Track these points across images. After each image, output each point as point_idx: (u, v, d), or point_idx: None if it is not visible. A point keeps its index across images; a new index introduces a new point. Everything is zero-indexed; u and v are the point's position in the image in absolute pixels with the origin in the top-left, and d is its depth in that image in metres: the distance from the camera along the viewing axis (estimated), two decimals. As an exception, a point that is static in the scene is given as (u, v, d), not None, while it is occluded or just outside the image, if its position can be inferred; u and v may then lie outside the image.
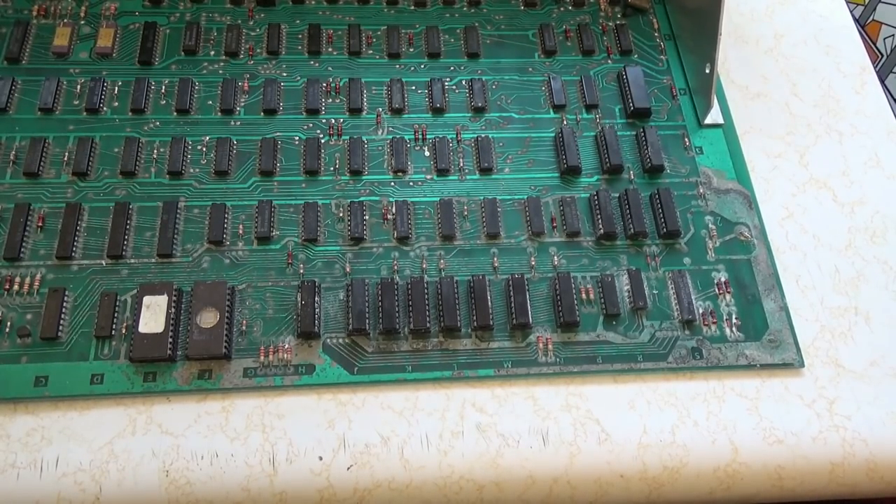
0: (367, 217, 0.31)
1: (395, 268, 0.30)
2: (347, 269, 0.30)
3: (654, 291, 0.31)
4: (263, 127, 0.33)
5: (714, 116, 0.35)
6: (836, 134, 0.36)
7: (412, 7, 0.37)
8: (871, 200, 0.34)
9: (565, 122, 0.35)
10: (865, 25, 0.70)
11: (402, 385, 0.28)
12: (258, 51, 0.35)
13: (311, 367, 0.28)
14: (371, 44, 0.36)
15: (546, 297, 0.30)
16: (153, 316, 0.28)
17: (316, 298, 0.29)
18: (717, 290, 0.31)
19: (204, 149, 0.33)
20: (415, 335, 0.29)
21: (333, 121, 0.34)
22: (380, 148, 0.33)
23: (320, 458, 0.27)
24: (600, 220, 0.32)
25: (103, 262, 0.30)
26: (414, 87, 0.35)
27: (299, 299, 0.29)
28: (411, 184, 0.32)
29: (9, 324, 0.28)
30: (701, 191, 0.33)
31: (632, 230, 0.32)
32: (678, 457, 0.28)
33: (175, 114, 0.33)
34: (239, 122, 0.33)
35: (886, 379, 0.30)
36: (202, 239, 0.31)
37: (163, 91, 0.34)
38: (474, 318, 0.29)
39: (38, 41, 0.35)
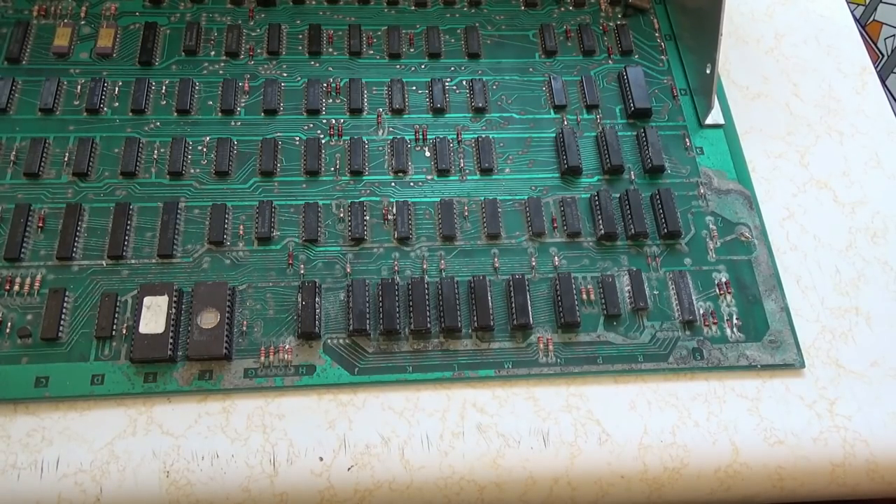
0: (367, 217, 0.31)
1: (396, 268, 0.30)
2: (348, 270, 0.30)
3: (655, 292, 0.31)
4: (264, 127, 0.33)
5: (714, 117, 0.35)
6: (836, 134, 0.36)
7: (413, 7, 0.37)
8: (871, 201, 0.34)
9: (566, 123, 0.35)
10: (866, 25, 0.70)
11: (403, 385, 0.28)
12: (258, 51, 0.35)
13: (312, 368, 0.28)
14: (371, 44, 0.36)
15: (547, 297, 0.30)
16: (154, 316, 0.28)
17: (316, 299, 0.29)
18: (717, 290, 0.31)
19: (204, 149, 0.33)
20: (415, 336, 0.29)
21: (334, 121, 0.34)
22: (380, 148, 0.33)
23: (321, 459, 0.27)
24: (601, 221, 0.32)
25: (104, 263, 0.30)
26: (414, 88, 0.35)
27: (300, 300, 0.29)
28: (412, 184, 0.32)
29: (9, 324, 0.28)
30: (701, 191, 0.33)
31: (632, 230, 0.31)
32: (679, 457, 0.28)
33: (175, 114, 0.33)
34: (239, 123, 0.33)
35: (887, 379, 0.30)
36: (203, 239, 0.31)
37: (163, 91, 0.34)
38: (475, 318, 0.29)
39: (38, 41, 0.35)
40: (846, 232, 0.33)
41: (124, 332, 0.28)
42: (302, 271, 0.30)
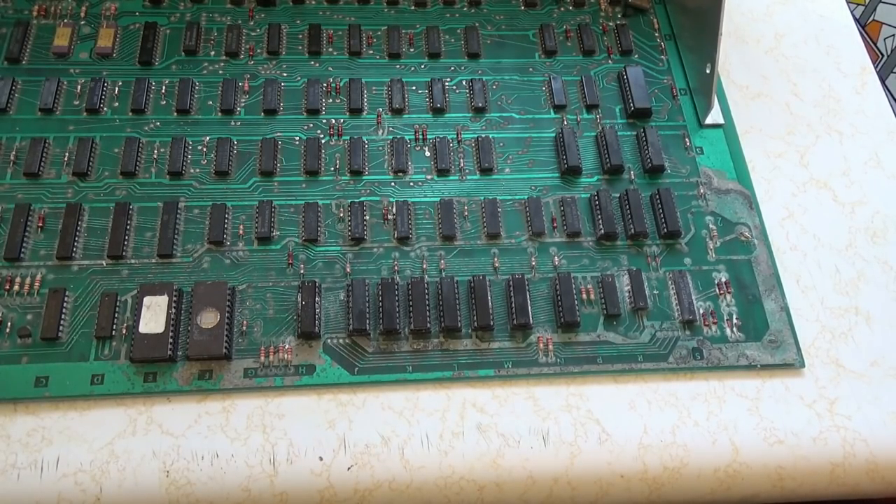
0: (367, 217, 0.31)
1: (396, 268, 0.30)
2: (348, 270, 0.30)
3: (655, 292, 0.31)
4: (264, 127, 0.33)
5: (714, 116, 0.35)
6: (836, 134, 0.36)
7: (412, 7, 0.37)
8: (871, 200, 0.34)
9: (566, 123, 0.35)
10: (866, 25, 0.70)
11: (403, 385, 0.28)
12: (258, 51, 0.35)
13: (312, 368, 0.28)
14: (371, 44, 0.36)
15: (546, 297, 0.30)
16: (153, 316, 0.28)
17: (316, 299, 0.29)
18: (717, 290, 0.31)
19: (204, 149, 0.33)
20: (415, 335, 0.29)
21: (334, 121, 0.34)
22: (380, 148, 0.33)
23: (321, 459, 0.27)
24: (601, 221, 0.32)
25: (104, 263, 0.30)
26: (414, 88, 0.35)
27: (300, 300, 0.29)
28: (412, 184, 0.32)
29: (9, 324, 0.28)
30: (701, 191, 0.33)
31: (632, 230, 0.31)
32: (679, 457, 0.28)
33: (175, 114, 0.33)
34: (239, 123, 0.33)
35: (887, 379, 0.30)
36: (202, 239, 0.31)
37: (163, 91, 0.34)
38: (475, 318, 0.29)
39: (38, 41, 0.35)
40: (846, 232, 0.33)
41: (124, 331, 0.28)
42: (302, 271, 0.30)
